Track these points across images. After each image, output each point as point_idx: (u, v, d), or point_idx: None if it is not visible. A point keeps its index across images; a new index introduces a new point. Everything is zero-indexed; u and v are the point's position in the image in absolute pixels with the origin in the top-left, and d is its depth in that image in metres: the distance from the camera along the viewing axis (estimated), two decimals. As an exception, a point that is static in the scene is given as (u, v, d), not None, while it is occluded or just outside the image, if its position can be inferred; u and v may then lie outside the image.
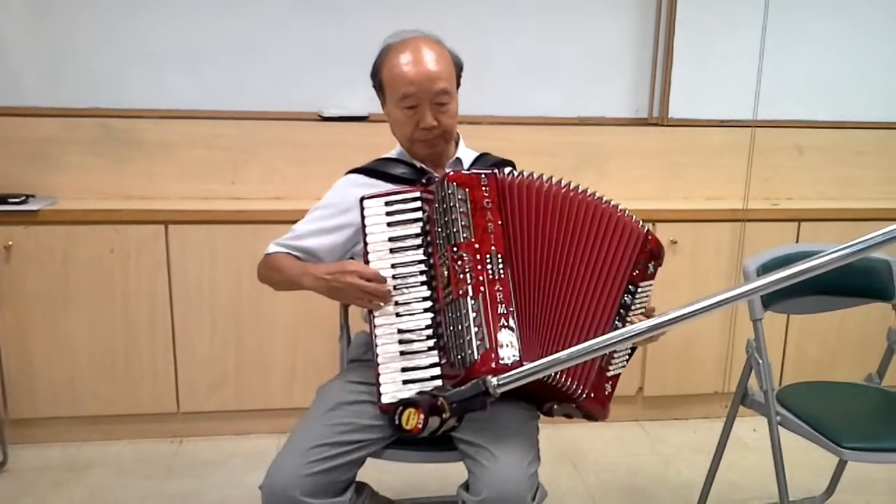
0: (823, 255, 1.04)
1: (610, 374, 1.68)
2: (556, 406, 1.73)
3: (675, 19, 3.18)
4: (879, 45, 3.36)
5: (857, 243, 1.03)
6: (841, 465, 2.46)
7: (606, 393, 1.68)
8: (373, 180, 1.85)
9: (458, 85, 1.84)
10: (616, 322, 1.67)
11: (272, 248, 1.87)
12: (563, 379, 1.58)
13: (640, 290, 1.71)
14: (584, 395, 1.62)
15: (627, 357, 1.75)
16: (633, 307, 1.70)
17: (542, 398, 1.75)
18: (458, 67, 1.84)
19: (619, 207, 1.72)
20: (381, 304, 1.64)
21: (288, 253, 1.85)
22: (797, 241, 3.05)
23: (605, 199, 1.72)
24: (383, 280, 1.65)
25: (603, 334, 1.62)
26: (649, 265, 1.74)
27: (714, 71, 3.27)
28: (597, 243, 1.67)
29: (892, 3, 3.34)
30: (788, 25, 3.25)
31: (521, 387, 1.59)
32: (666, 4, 3.18)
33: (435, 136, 1.80)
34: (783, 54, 3.26)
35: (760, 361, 2.08)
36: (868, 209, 3.18)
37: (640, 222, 1.74)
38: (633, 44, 3.24)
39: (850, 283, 2.18)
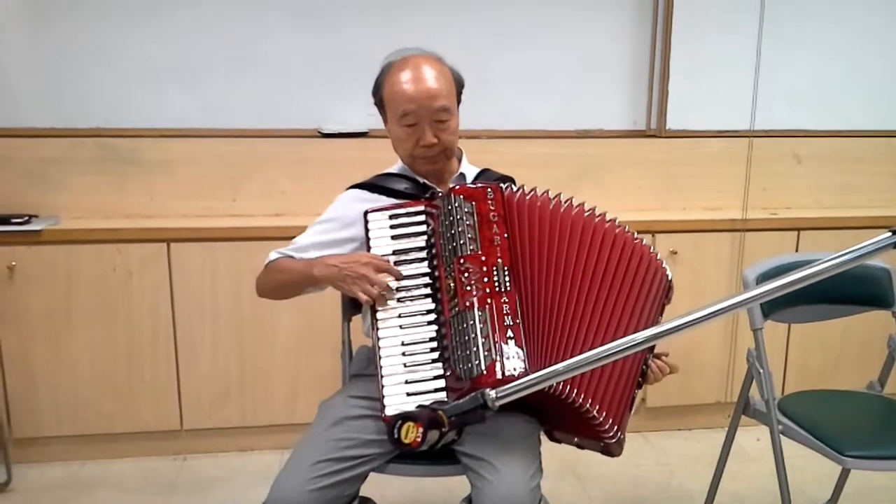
0: (818, 264, 1.05)
1: (631, 413, 1.70)
2: (576, 439, 1.72)
3: (672, 31, 3.21)
4: (876, 53, 3.38)
5: (850, 252, 1.04)
6: (844, 473, 2.45)
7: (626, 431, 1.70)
8: (375, 195, 1.86)
9: (459, 102, 1.85)
10: (643, 366, 1.69)
11: (274, 255, 1.88)
12: (605, 421, 1.57)
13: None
14: (618, 438, 1.62)
15: (639, 384, 1.74)
16: (654, 349, 1.72)
17: (567, 428, 1.74)
18: (459, 84, 1.85)
19: (646, 244, 1.72)
20: (385, 295, 1.64)
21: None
22: (797, 251, 3.05)
23: (630, 231, 1.71)
24: (398, 273, 1.65)
25: (630, 372, 1.63)
26: (664, 306, 1.76)
27: (711, 81, 3.29)
28: (628, 278, 1.66)
29: (888, 11, 3.36)
30: (784, 35, 3.27)
31: (541, 408, 1.60)
32: (662, 16, 3.21)
33: (436, 153, 1.81)
34: (780, 64, 3.28)
35: (761, 371, 2.09)
36: (867, 217, 3.19)
37: (664, 264, 1.74)
38: (631, 56, 3.26)
39: (849, 292, 2.19)
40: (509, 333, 1.53)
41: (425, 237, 1.69)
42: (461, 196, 1.64)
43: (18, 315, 2.73)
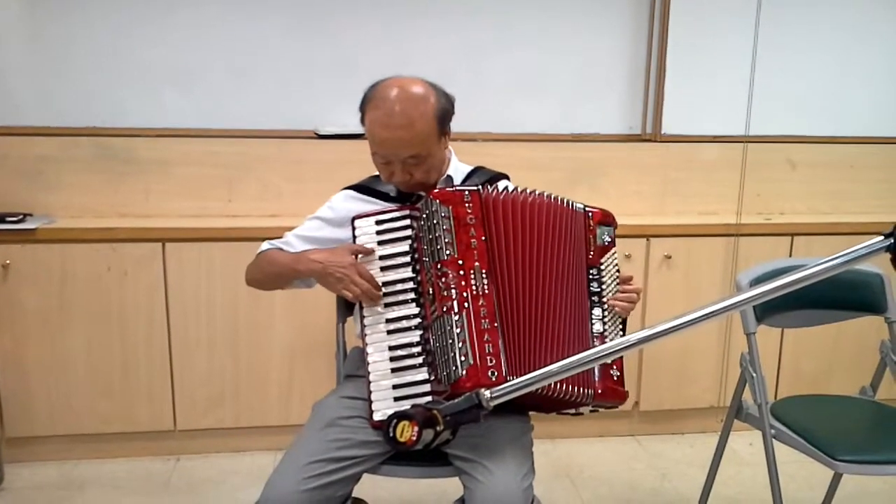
0: (811, 267, 1.05)
1: (611, 360, 1.69)
2: (587, 409, 1.74)
3: (668, 36, 3.22)
4: (871, 59, 3.39)
5: (843, 255, 1.04)
6: (836, 478, 2.46)
7: (615, 378, 1.69)
8: (367, 197, 1.88)
9: (447, 132, 1.78)
10: (593, 312, 1.71)
11: (265, 246, 1.92)
12: (566, 388, 1.60)
13: (603, 268, 1.75)
14: (593, 395, 1.65)
15: (621, 332, 1.75)
16: (603, 291, 1.73)
17: (553, 409, 1.76)
18: (444, 116, 1.75)
19: (562, 200, 1.73)
20: (367, 294, 1.67)
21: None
22: (790, 256, 3.06)
23: (553, 196, 1.73)
24: (378, 287, 1.67)
25: (581, 329, 1.67)
26: (604, 238, 1.76)
27: (706, 87, 3.30)
28: (550, 243, 1.69)
29: (883, 19, 3.37)
30: (780, 42, 3.28)
31: (526, 401, 1.62)
32: (658, 21, 3.22)
33: (412, 185, 1.79)
34: (775, 70, 3.29)
35: (754, 375, 2.09)
36: (861, 223, 3.19)
37: (573, 204, 1.75)
38: (626, 60, 3.27)
39: (842, 297, 2.20)
40: (486, 337, 1.55)
41: (409, 241, 1.70)
42: (438, 201, 1.64)
43: (12, 314, 2.72)
